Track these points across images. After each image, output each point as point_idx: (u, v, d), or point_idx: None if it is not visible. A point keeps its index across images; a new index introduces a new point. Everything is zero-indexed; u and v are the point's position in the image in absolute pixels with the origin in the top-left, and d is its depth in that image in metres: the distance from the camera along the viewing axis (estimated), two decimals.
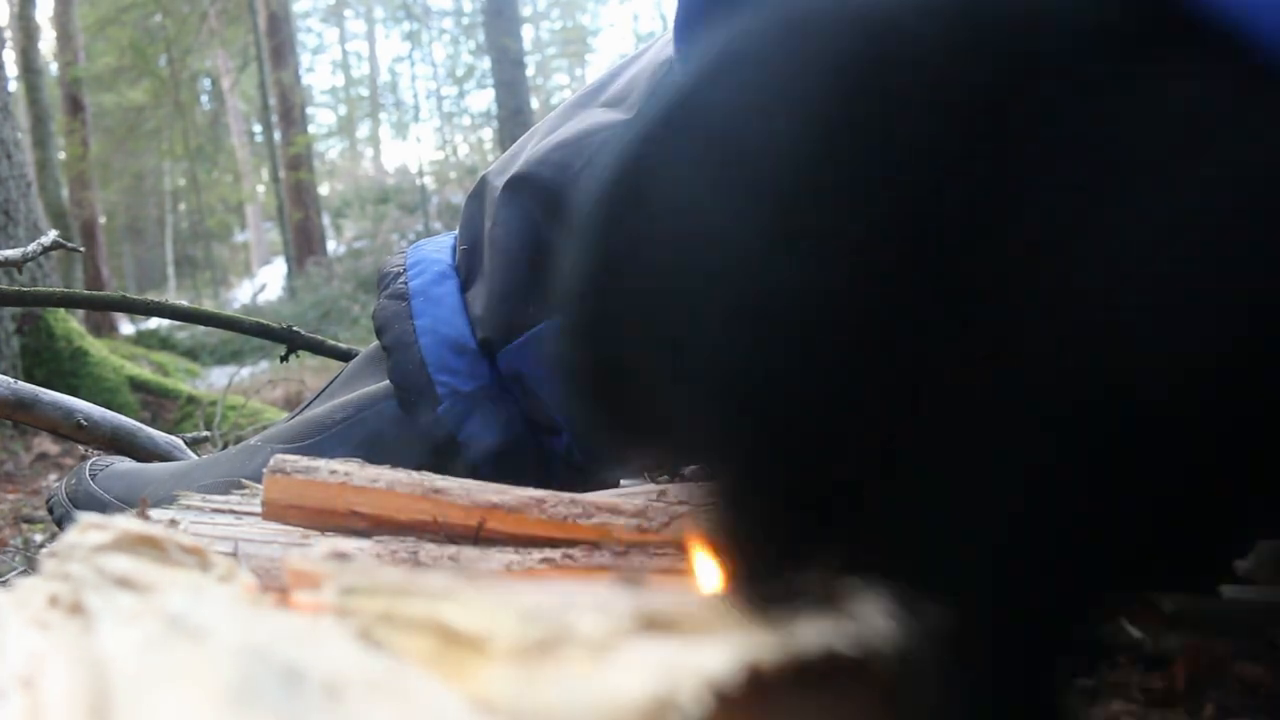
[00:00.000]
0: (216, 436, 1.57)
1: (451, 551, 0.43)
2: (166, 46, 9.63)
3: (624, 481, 0.70)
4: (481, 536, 0.44)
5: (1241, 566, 0.46)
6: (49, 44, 8.85)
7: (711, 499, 0.23)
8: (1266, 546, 0.46)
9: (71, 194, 7.71)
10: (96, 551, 0.28)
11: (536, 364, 0.66)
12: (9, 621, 0.25)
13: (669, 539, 0.42)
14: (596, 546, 0.43)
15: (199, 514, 0.52)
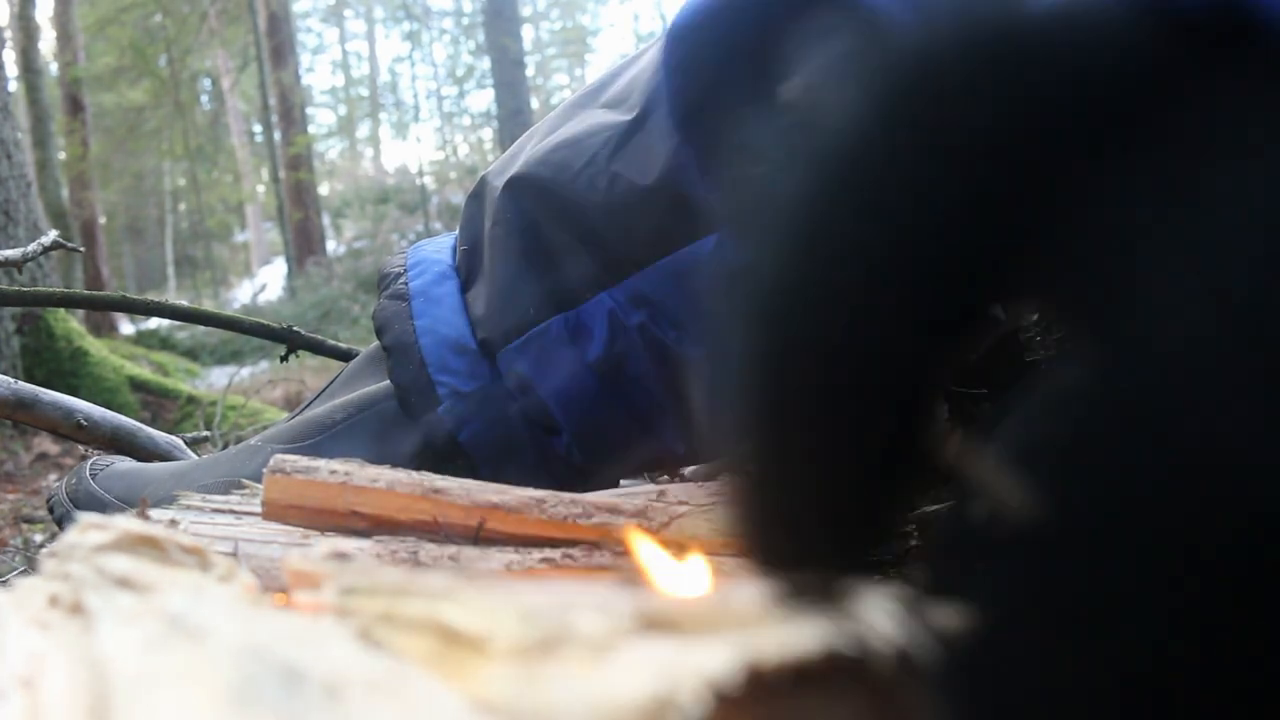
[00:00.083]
0: (216, 436, 1.58)
1: (451, 551, 0.43)
2: (166, 46, 9.64)
3: (624, 481, 0.70)
4: (481, 536, 0.44)
5: None
6: (49, 44, 8.85)
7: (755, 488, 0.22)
8: None
9: (71, 194, 7.71)
10: (96, 551, 0.28)
11: (536, 364, 0.66)
12: (9, 621, 0.25)
13: (669, 539, 0.42)
14: (596, 546, 0.43)
15: (199, 514, 0.52)
